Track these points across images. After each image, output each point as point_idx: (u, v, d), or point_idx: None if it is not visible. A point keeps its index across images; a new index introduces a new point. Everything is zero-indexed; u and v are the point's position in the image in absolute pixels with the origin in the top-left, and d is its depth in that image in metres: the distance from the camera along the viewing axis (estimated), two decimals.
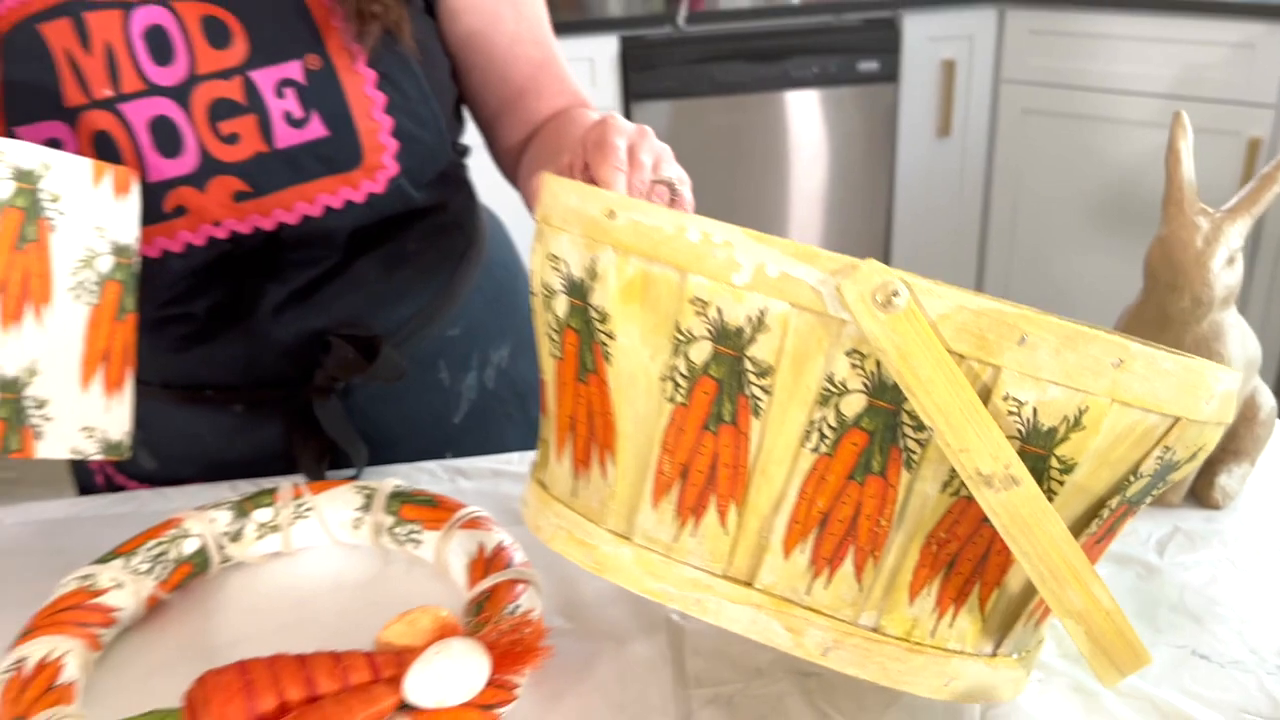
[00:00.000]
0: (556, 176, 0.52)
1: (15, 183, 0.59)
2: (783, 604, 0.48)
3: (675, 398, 0.47)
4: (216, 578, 0.65)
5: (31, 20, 0.67)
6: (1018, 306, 0.44)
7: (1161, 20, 2.37)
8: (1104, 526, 0.48)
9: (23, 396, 0.60)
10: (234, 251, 0.74)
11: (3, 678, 0.53)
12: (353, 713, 0.48)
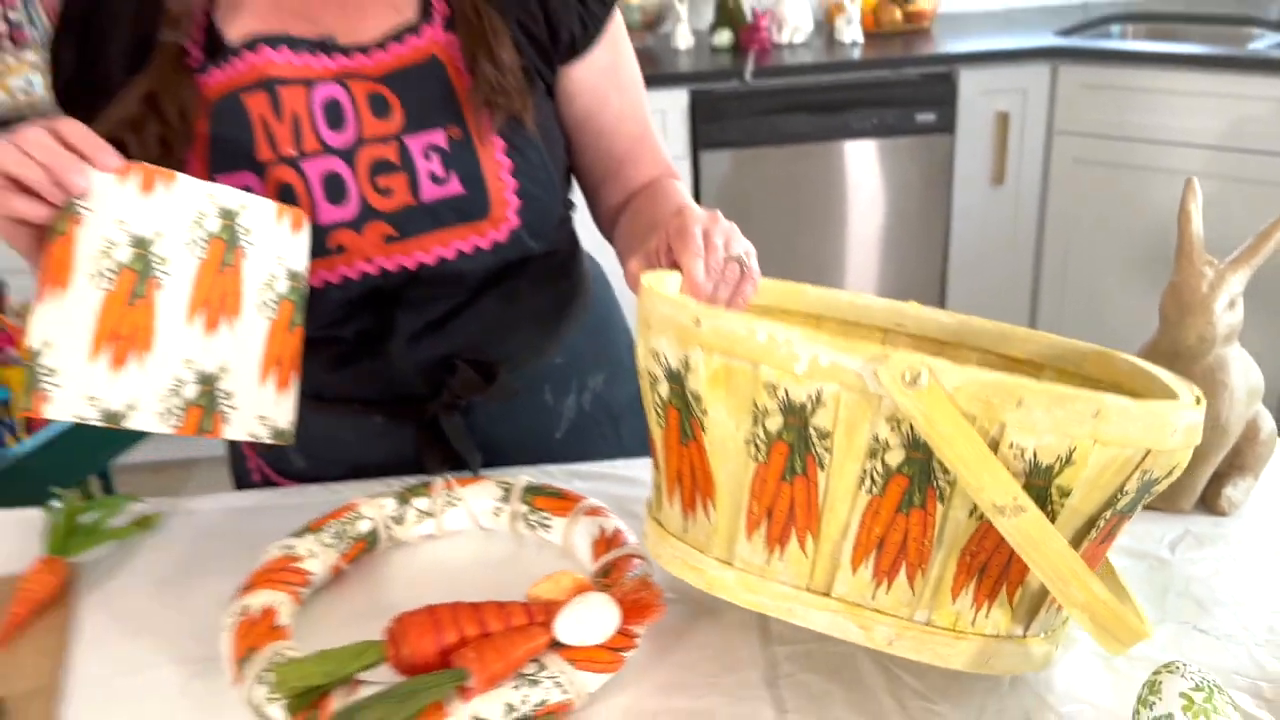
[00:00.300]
0: (653, 289, 0.65)
1: (220, 219, 0.75)
2: (854, 608, 0.61)
3: (757, 458, 0.60)
4: (383, 554, 0.80)
5: (237, 92, 0.83)
6: (1019, 379, 0.56)
7: (1209, 76, 2.47)
8: (1102, 533, 0.60)
9: (216, 389, 0.75)
10: (381, 285, 0.88)
11: (235, 619, 0.68)
12: (516, 646, 0.62)
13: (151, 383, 0.71)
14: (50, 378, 0.68)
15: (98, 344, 0.69)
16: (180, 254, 0.73)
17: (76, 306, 0.69)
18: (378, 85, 0.85)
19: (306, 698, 0.61)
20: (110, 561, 0.81)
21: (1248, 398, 0.78)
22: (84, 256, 0.69)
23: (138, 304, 0.71)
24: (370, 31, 0.86)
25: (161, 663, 0.70)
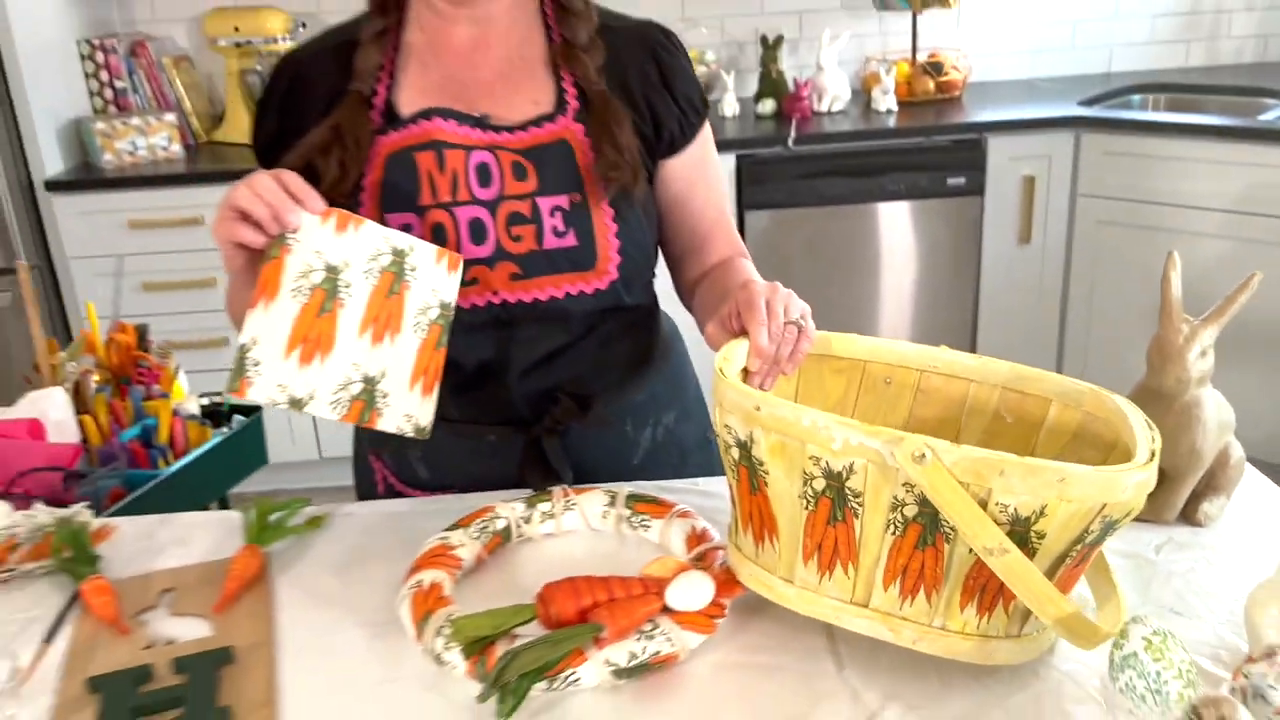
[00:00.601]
0: (725, 376, 0.83)
1: (392, 257, 0.95)
2: (886, 616, 0.79)
3: (808, 508, 0.79)
4: (515, 547, 0.99)
5: (410, 149, 1.05)
6: (1001, 454, 0.72)
7: (1223, 145, 2.64)
8: (1075, 560, 0.78)
9: (376, 388, 0.95)
10: (500, 315, 1.08)
11: (411, 591, 0.86)
12: (637, 609, 0.80)
13: (328, 379, 0.91)
14: (255, 368, 0.88)
15: (291, 345, 0.89)
16: (359, 281, 0.93)
17: (279, 314, 0.89)
18: (519, 156, 1.06)
19: (476, 646, 0.79)
20: (294, 551, 1.01)
21: (1219, 430, 0.96)
22: (289, 277, 0.89)
23: (324, 316, 0.91)
24: (516, 116, 1.08)
25: (347, 626, 0.89)
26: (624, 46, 1.13)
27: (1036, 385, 0.97)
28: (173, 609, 0.93)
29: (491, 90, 1.09)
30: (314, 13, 3.22)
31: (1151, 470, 0.76)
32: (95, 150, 2.87)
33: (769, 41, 3.13)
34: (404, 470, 1.18)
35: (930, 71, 3.14)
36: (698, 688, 0.80)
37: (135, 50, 3.07)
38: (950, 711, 0.77)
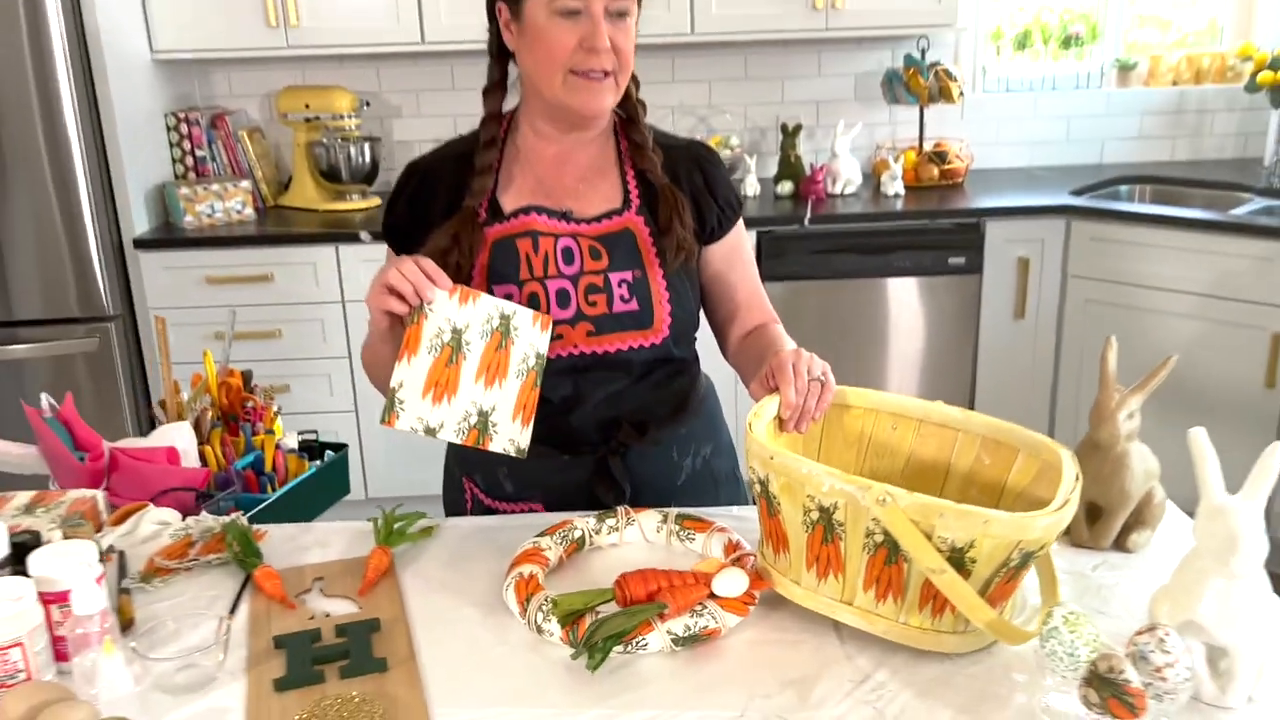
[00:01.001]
0: (751, 433, 1.10)
1: (500, 320, 1.23)
2: (866, 613, 1.05)
3: (807, 530, 1.05)
4: (587, 552, 1.25)
5: (512, 237, 1.34)
6: (941, 500, 0.98)
7: (1198, 235, 2.92)
8: (1004, 579, 1.02)
9: (488, 420, 1.22)
10: (578, 363, 1.36)
11: (514, 579, 1.13)
12: (691, 594, 1.06)
13: (453, 413, 1.19)
14: (401, 405, 1.16)
15: (428, 388, 1.17)
16: (476, 339, 1.21)
17: (419, 365, 1.17)
18: (595, 241, 1.36)
19: (570, 618, 1.05)
20: (412, 552, 1.27)
21: (1145, 476, 1.22)
22: (426, 337, 1.17)
23: (451, 366, 1.19)
24: (592, 210, 1.38)
25: (462, 606, 1.15)
26: (677, 158, 1.43)
27: (1008, 437, 1.23)
28: (325, 592, 1.19)
29: (573, 190, 1.39)
30: (376, 93, 3.55)
31: (1059, 515, 1.00)
32: (178, 212, 3.18)
33: (788, 129, 3.44)
34: (493, 487, 1.45)
35: (935, 160, 3.43)
36: (735, 655, 1.06)
37: (215, 122, 3.40)
38: (925, 674, 1.02)
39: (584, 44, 1.29)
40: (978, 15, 3.60)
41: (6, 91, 2.89)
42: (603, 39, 1.28)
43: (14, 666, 0.97)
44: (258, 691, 1.01)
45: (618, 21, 1.31)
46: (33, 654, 0.98)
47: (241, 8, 3.14)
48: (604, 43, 1.29)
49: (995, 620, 1.00)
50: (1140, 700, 0.85)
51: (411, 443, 3.20)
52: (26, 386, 3.13)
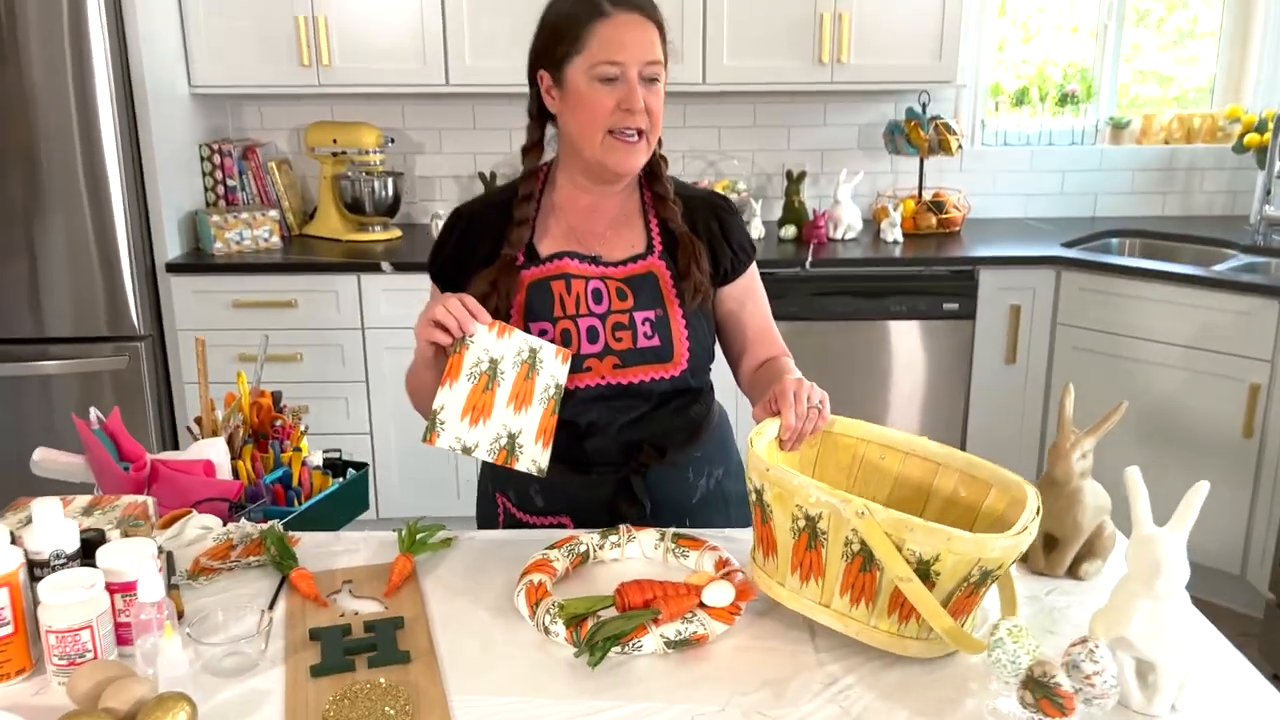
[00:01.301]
0: (752, 448, 1.24)
1: (529, 354, 1.37)
2: (840, 615, 1.18)
3: (795, 537, 1.18)
4: (591, 565, 1.38)
5: (547, 280, 1.49)
6: (912, 517, 1.11)
7: (1182, 289, 3.05)
8: (965, 593, 1.15)
9: (516, 441, 1.36)
10: (605, 393, 1.50)
11: (524, 585, 1.26)
12: (683, 602, 1.19)
13: (487, 434, 1.33)
14: (441, 425, 1.30)
15: (465, 412, 1.31)
16: (509, 369, 1.35)
17: (459, 391, 1.31)
18: (621, 283, 1.51)
19: (574, 620, 1.18)
20: (432, 561, 1.40)
21: (1096, 511, 1.35)
22: (466, 366, 1.32)
23: (487, 393, 1.34)
24: (619, 255, 1.53)
25: (478, 609, 1.28)
26: (696, 208, 1.59)
27: (983, 473, 1.35)
28: (354, 593, 1.32)
29: (603, 236, 1.54)
30: (400, 129, 3.71)
31: (1017, 539, 1.13)
32: (208, 238, 3.34)
33: (793, 175, 3.59)
34: (524, 501, 1.59)
35: (933, 209, 3.58)
36: (720, 658, 1.19)
37: (246, 154, 3.56)
38: (889, 679, 1.15)
39: (621, 105, 1.44)
40: (977, 72, 3.76)
41: (49, 120, 3.06)
42: (638, 101, 1.43)
43: (83, 646, 1.10)
44: (295, 676, 1.14)
45: (650, 85, 1.46)
46: (100, 636, 1.11)
47: (276, 47, 3.31)
48: (639, 104, 1.44)
49: (952, 627, 1.13)
50: (1069, 702, 0.98)
51: (420, 468, 3.34)
52: (55, 401, 3.27)
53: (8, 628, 1.11)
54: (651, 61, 1.44)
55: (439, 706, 1.09)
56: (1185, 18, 3.85)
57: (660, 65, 1.46)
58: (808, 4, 3.31)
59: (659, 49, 1.46)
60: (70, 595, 1.09)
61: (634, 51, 1.43)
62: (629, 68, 1.42)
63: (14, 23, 2.99)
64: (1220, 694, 1.12)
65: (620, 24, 1.43)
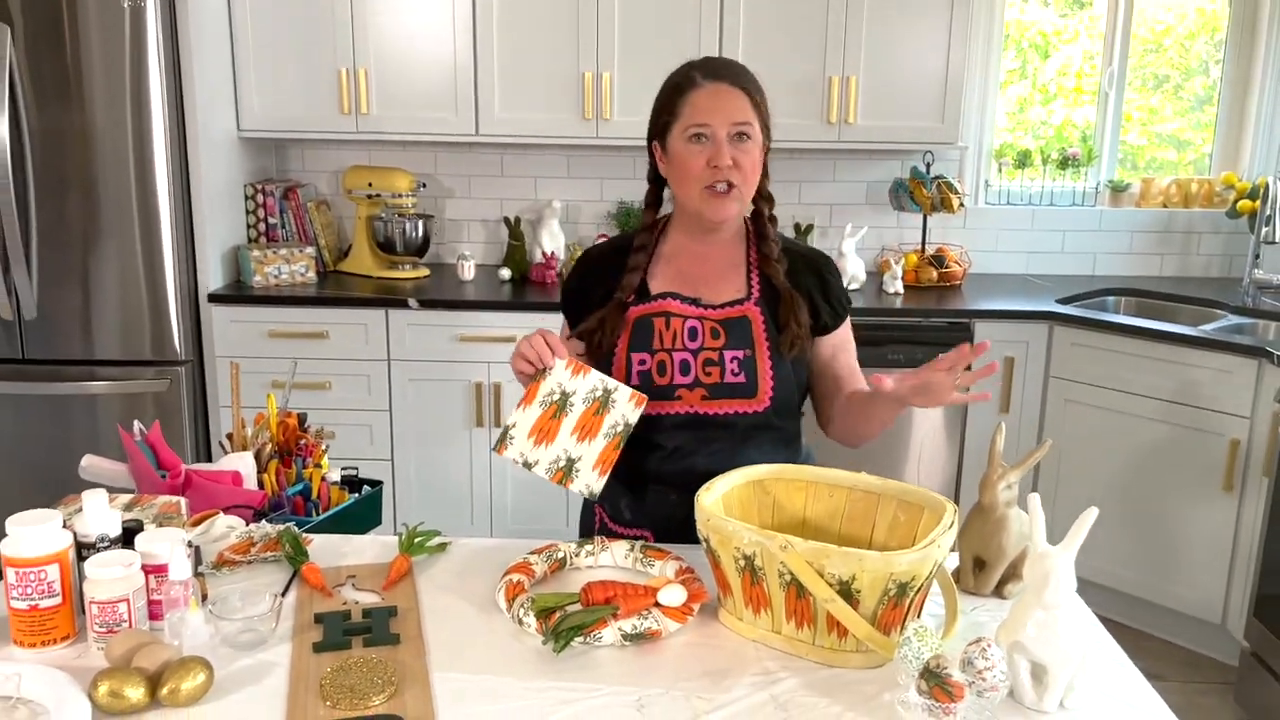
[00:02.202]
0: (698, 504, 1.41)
1: (603, 393, 1.57)
2: (790, 639, 1.34)
3: (739, 576, 1.34)
4: (568, 571, 1.55)
5: (650, 316, 1.69)
6: (827, 545, 1.27)
7: (1167, 347, 3.18)
8: (888, 606, 1.30)
9: (574, 466, 1.55)
10: (692, 421, 1.67)
11: (504, 583, 1.43)
12: (639, 600, 1.36)
13: (548, 455, 1.54)
14: (511, 441, 1.52)
15: (533, 432, 1.53)
16: (579, 404, 1.56)
17: (530, 414, 1.54)
18: (716, 324, 1.70)
19: (544, 613, 1.35)
20: (428, 561, 1.58)
21: (1020, 537, 1.50)
22: (540, 394, 1.54)
23: (554, 420, 1.55)
24: (719, 299, 1.72)
25: (464, 603, 1.45)
26: (800, 266, 1.77)
27: (914, 497, 1.51)
28: (356, 586, 1.50)
29: (707, 281, 1.74)
30: (432, 175, 3.94)
31: (922, 553, 1.27)
32: (249, 272, 3.56)
33: (802, 227, 3.77)
34: (616, 514, 1.78)
35: (934, 263, 3.74)
36: (670, 651, 1.35)
37: (287, 194, 3.80)
38: (819, 676, 1.31)
39: (710, 162, 1.64)
40: (981, 134, 3.94)
41: (108, 156, 3.30)
42: (724, 157, 1.63)
43: (120, 616, 1.29)
44: (300, 651, 1.32)
45: (739, 142, 1.65)
46: (134, 609, 1.30)
47: (320, 96, 3.56)
48: (725, 160, 1.63)
49: (870, 633, 1.29)
50: (958, 690, 1.13)
51: (438, 493, 3.52)
52: (100, 419, 3.49)
53: (57, 599, 1.30)
54: (738, 122, 1.64)
55: (421, 680, 1.26)
56: (1203, 83, 4.01)
57: (749, 125, 1.65)
58: (817, 67, 3.52)
59: (747, 112, 1.65)
60: (112, 571, 1.27)
61: (720, 114, 1.63)
62: (717, 129, 1.63)
63: (79, 66, 3.25)
64: (1105, 693, 1.27)
65: (708, 92, 1.65)
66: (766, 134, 1.70)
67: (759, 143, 1.68)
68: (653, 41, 3.48)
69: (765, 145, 1.72)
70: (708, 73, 1.68)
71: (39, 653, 1.29)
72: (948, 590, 1.43)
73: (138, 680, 1.18)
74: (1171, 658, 3.22)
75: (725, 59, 1.75)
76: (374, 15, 3.51)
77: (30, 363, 3.46)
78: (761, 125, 1.68)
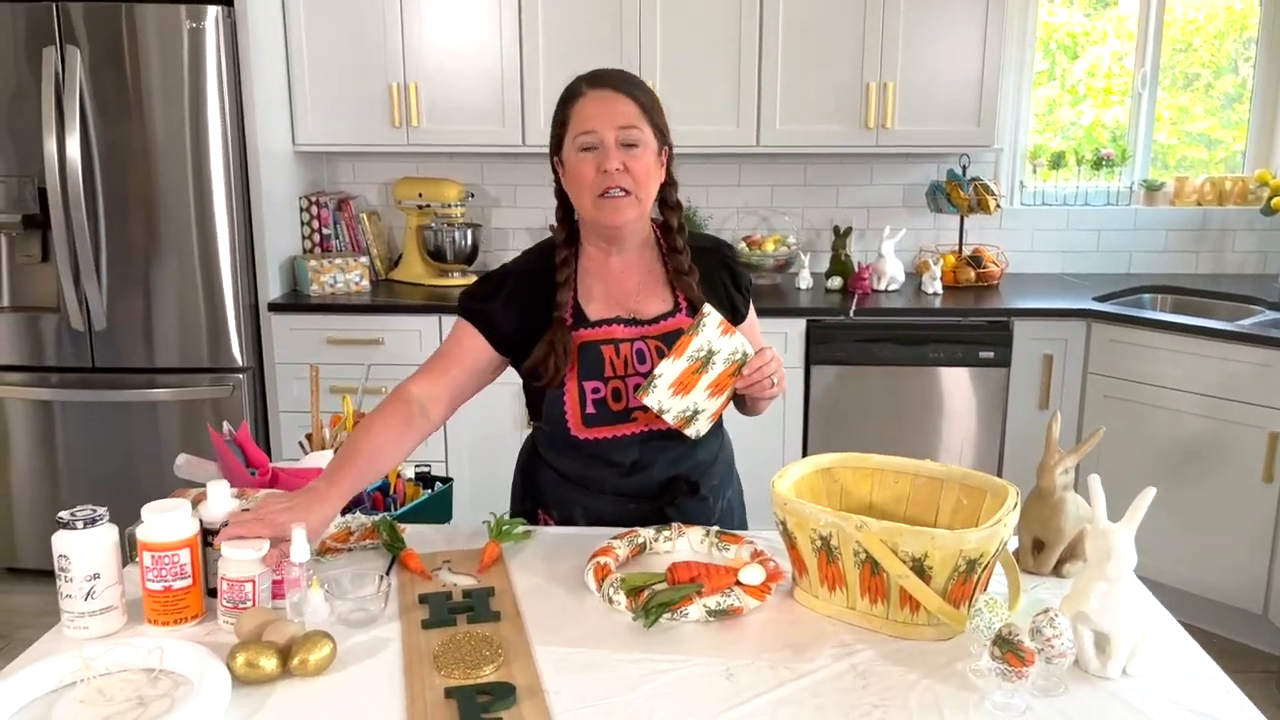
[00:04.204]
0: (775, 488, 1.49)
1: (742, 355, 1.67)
2: (865, 614, 1.43)
3: (815, 556, 1.44)
4: (647, 555, 1.65)
5: (597, 343, 1.75)
6: (900, 524, 1.36)
7: (1205, 342, 3.25)
8: (958, 582, 1.39)
9: (697, 415, 1.66)
10: (648, 437, 1.76)
11: (593, 565, 1.53)
12: (722, 579, 1.45)
13: (680, 406, 1.65)
14: (654, 387, 1.61)
15: (675, 383, 1.62)
16: (720, 363, 1.65)
17: (678, 366, 1.62)
18: (659, 341, 1.77)
19: (634, 591, 1.45)
20: (515, 549, 1.68)
21: (1077, 520, 1.58)
22: (691, 348, 1.62)
23: (696, 375, 1.64)
24: (651, 312, 1.79)
25: (554, 585, 1.55)
26: (706, 261, 1.84)
27: (978, 481, 1.59)
28: (452, 570, 1.60)
29: (635, 296, 1.80)
30: (479, 185, 4.06)
31: (990, 531, 1.36)
32: (305, 281, 3.69)
33: (840, 230, 3.86)
34: (570, 521, 1.84)
35: (972, 263, 3.82)
36: (751, 626, 1.45)
37: (340, 205, 3.92)
38: (894, 647, 1.39)
39: (600, 168, 1.67)
40: (1016, 136, 4.01)
41: (168, 171, 3.44)
42: (612, 162, 1.65)
43: (246, 595, 1.39)
44: (410, 628, 1.42)
45: (629, 150, 1.66)
46: (260, 589, 1.40)
47: (371, 110, 3.68)
48: (613, 165, 1.66)
49: (942, 606, 1.38)
50: (1030, 656, 1.22)
51: (489, 490, 3.61)
52: (160, 426, 3.62)
53: (187, 580, 1.40)
54: (624, 127, 1.65)
55: (524, 652, 1.36)
56: (1233, 81, 4.07)
57: (636, 130, 1.66)
58: (855, 74, 3.60)
59: (633, 117, 1.67)
60: (244, 554, 1.38)
61: (605, 119, 1.65)
62: (604, 134, 1.66)
63: (138, 84, 3.39)
64: (1165, 661, 1.35)
65: (593, 99, 1.68)
66: (662, 139, 1.72)
67: (651, 148, 1.69)
68: (693, 52, 3.58)
69: (665, 151, 1.74)
70: (593, 81, 1.70)
71: (171, 630, 1.40)
72: (1010, 568, 1.51)
73: (271, 652, 1.28)
74: (1213, 648, 3.26)
75: (615, 69, 1.75)
76: (423, 31, 3.63)
77: (98, 371, 3.59)
78: (655, 130, 1.70)
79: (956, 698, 1.28)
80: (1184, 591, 3.36)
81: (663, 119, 1.74)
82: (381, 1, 3.62)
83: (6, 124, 3.42)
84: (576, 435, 1.77)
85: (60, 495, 3.67)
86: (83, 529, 1.37)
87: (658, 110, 1.73)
